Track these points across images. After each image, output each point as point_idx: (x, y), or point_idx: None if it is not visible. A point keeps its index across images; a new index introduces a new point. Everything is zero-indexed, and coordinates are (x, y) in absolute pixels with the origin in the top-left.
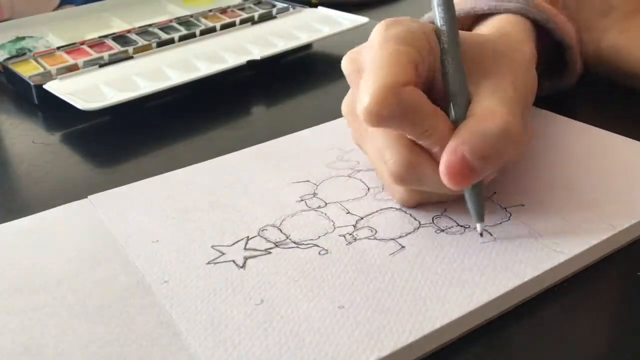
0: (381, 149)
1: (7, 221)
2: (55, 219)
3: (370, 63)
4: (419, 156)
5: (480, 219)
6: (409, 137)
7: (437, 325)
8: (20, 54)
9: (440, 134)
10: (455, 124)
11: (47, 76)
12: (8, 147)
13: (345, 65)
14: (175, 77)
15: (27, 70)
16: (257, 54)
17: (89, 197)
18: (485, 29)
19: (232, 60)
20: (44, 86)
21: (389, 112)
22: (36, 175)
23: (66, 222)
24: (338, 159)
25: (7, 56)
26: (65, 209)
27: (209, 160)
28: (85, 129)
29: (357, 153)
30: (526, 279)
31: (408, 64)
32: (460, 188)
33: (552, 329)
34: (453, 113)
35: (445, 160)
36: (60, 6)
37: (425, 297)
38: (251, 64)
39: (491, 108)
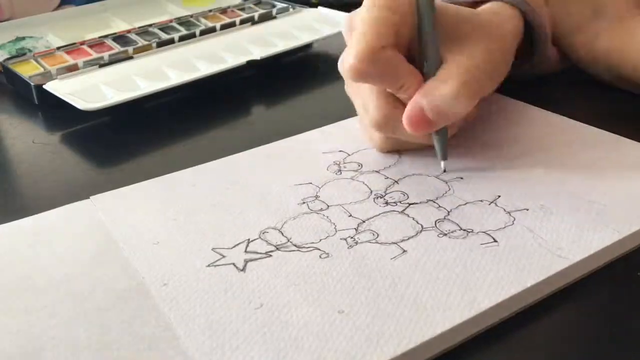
0: (365, 101)
1: (7, 221)
2: (55, 220)
3: (358, 25)
4: (396, 109)
5: (444, 157)
6: (388, 90)
7: (438, 331)
8: (20, 54)
9: (414, 90)
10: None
11: (47, 76)
12: (8, 147)
13: (343, 24)
14: (175, 77)
15: (27, 70)
16: (257, 54)
17: (91, 197)
18: (479, 9)
19: (232, 60)
20: (44, 86)
21: (368, 71)
22: (36, 175)
23: (67, 222)
24: (341, 162)
25: (7, 56)
26: (66, 210)
27: (211, 162)
28: (85, 129)
29: (360, 155)
30: (529, 285)
31: (389, 28)
32: (419, 134)
33: (555, 334)
34: (425, 72)
35: (407, 110)
36: (60, 6)
37: (427, 303)
38: (251, 64)
39: (452, 72)
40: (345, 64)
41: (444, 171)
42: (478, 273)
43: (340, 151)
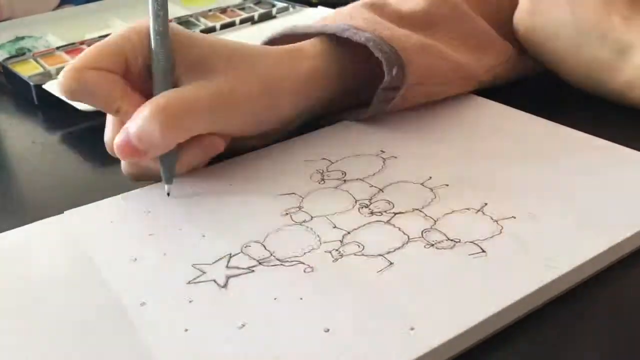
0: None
1: (6, 221)
2: (27, 237)
3: None
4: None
5: (167, 181)
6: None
7: (427, 348)
8: (20, 54)
9: (130, 117)
10: None
11: (47, 76)
12: (8, 147)
13: None
14: None
15: (26, 70)
16: None
17: (65, 212)
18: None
19: None
20: (44, 86)
21: (71, 89)
22: (36, 175)
23: (41, 239)
24: (324, 170)
25: (6, 56)
26: (40, 225)
27: (190, 173)
28: (85, 129)
29: (343, 163)
30: (519, 298)
31: (106, 54)
32: (127, 160)
33: (549, 343)
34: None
35: (117, 136)
36: (60, 6)
37: (414, 318)
38: None
39: (158, 100)
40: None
41: (168, 194)
42: (467, 285)
43: (323, 159)
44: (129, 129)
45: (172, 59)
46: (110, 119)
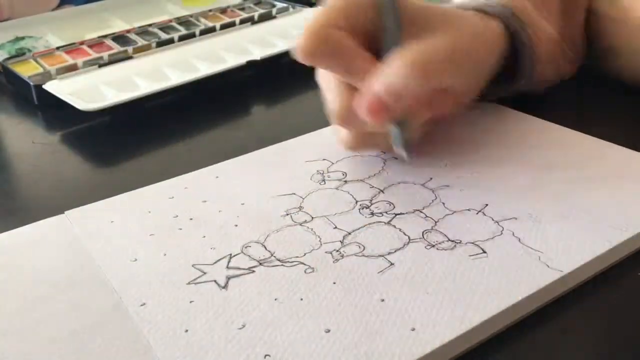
0: (328, 97)
1: (6, 221)
2: (29, 237)
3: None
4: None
5: (405, 148)
6: (349, 82)
7: (428, 349)
8: (20, 54)
9: (370, 77)
10: None
11: (47, 76)
12: (8, 147)
13: None
14: (175, 77)
15: (26, 70)
16: (257, 54)
17: (66, 212)
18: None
19: (232, 60)
20: (44, 86)
21: (317, 49)
22: (36, 175)
23: (40, 240)
24: (325, 170)
25: (6, 56)
26: (41, 226)
27: (190, 173)
28: (85, 129)
29: (344, 164)
30: (520, 299)
31: (340, 11)
32: (377, 121)
33: (551, 344)
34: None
35: (362, 95)
36: (60, 6)
37: (415, 319)
38: (251, 64)
39: (405, 52)
40: (296, 45)
41: (406, 159)
42: (467, 287)
43: (324, 159)
44: (376, 85)
45: (399, 24)
46: (335, 86)
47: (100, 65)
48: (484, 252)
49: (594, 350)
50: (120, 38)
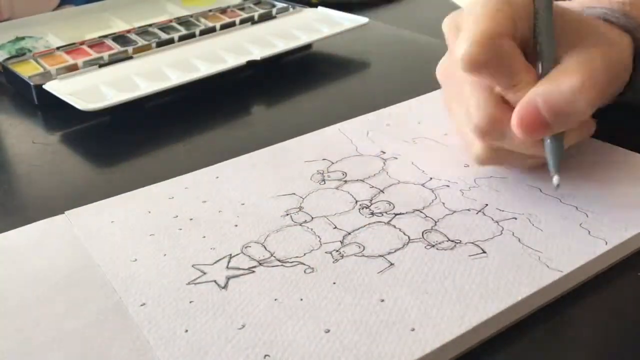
0: (468, 103)
1: (6, 221)
2: (29, 237)
3: (471, 18)
4: (503, 112)
5: (557, 169)
6: (497, 90)
7: (428, 349)
8: (20, 54)
9: (528, 90)
10: None
11: (47, 76)
12: (8, 147)
13: (445, 24)
14: (175, 77)
15: (26, 70)
16: (257, 54)
17: (66, 212)
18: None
19: (232, 60)
20: (44, 86)
21: (486, 58)
22: (36, 175)
23: (40, 240)
24: (325, 170)
25: (6, 56)
26: (42, 225)
27: (190, 173)
28: (85, 129)
29: (344, 164)
30: (520, 299)
31: (507, 19)
32: (530, 138)
33: (547, 349)
34: (540, 72)
35: (518, 108)
36: (60, 6)
37: (415, 319)
38: (251, 64)
39: (572, 68)
40: (459, 52)
41: (557, 187)
42: (467, 287)
43: (324, 159)
44: (538, 99)
45: (552, 32)
46: (485, 95)
47: (101, 65)
48: (484, 252)
49: (594, 350)
50: (120, 38)
